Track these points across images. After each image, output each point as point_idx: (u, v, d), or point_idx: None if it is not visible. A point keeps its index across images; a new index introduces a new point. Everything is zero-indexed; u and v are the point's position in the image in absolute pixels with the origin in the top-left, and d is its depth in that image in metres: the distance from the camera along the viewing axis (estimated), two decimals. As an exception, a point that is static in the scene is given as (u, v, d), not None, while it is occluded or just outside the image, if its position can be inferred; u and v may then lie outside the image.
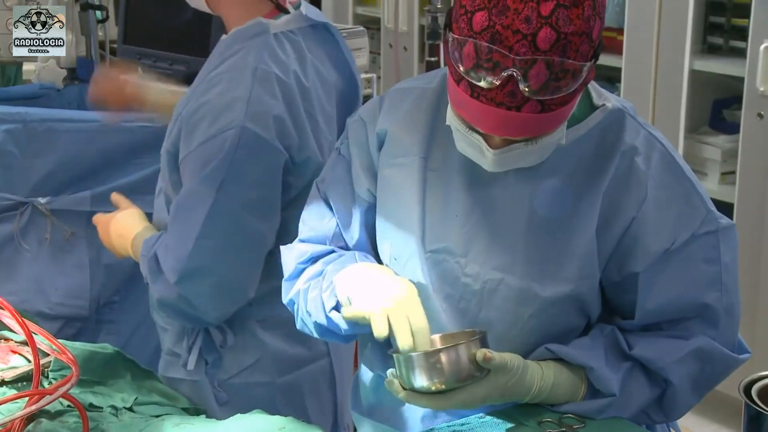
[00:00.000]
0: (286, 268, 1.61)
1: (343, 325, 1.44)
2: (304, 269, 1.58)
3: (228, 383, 1.90)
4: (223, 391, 1.89)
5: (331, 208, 1.60)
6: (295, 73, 1.81)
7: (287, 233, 1.75)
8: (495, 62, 1.24)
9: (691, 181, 1.45)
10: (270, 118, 1.76)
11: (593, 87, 1.47)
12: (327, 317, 1.48)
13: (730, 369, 1.48)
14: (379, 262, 1.57)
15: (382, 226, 1.55)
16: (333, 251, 1.58)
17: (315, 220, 1.61)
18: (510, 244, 1.44)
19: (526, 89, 1.24)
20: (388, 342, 1.40)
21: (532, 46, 1.22)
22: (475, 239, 1.47)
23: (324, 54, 1.91)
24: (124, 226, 1.95)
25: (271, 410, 1.68)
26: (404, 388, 1.37)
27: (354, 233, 1.58)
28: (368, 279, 1.43)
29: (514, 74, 1.24)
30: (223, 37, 1.87)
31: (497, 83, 1.25)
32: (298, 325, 1.59)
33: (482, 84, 1.26)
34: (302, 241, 1.62)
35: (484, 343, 1.37)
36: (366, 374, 1.65)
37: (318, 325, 1.52)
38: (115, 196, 2.04)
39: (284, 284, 1.60)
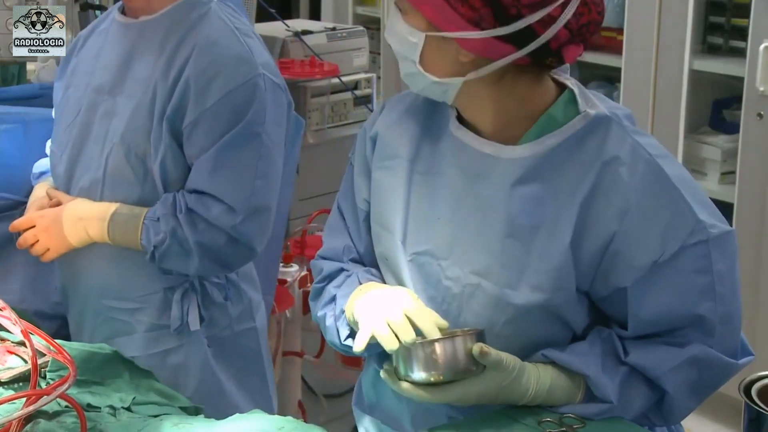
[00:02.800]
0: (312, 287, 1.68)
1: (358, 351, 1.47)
2: (322, 288, 1.63)
3: (218, 337, 2.04)
4: (213, 346, 2.03)
5: (344, 219, 1.64)
6: (253, 30, 2.00)
7: None
8: None
9: (680, 191, 1.40)
10: (272, 66, 1.98)
11: (582, 95, 1.46)
12: (343, 344, 1.54)
13: (729, 375, 1.46)
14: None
15: (373, 228, 1.58)
16: (343, 269, 1.61)
17: (331, 234, 1.66)
18: (489, 249, 1.44)
19: None
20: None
21: None
22: (456, 242, 1.47)
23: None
24: (84, 209, 1.98)
25: (258, 353, 2.11)
26: (400, 380, 1.38)
27: (362, 242, 1.62)
28: (367, 299, 1.47)
29: None
30: (163, 11, 1.95)
31: None
32: (329, 344, 1.64)
33: None
34: (321, 257, 1.67)
35: (480, 339, 1.37)
36: (368, 371, 1.66)
37: (341, 349, 1.57)
38: (52, 191, 2.06)
39: (310, 303, 1.66)
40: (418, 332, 1.39)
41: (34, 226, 2.04)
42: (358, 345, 1.42)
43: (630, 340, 1.45)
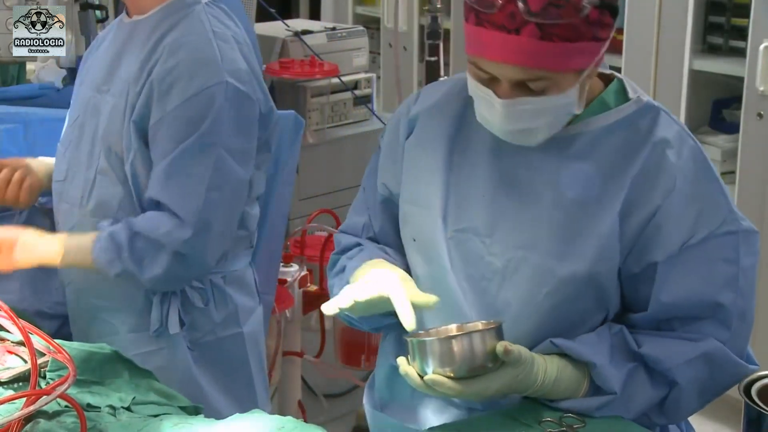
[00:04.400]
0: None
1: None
2: (337, 260, 1.67)
3: (201, 342, 2.02)
4: (196, 350, 2.01)
5: (366, 198, 1.69)
6: (238, 34, 1.95)
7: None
8: None
9: (719, 181, 1.48)
10: (242, 72, 1.91)
11: (629, 84, 1.52)
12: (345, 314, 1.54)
13: (738, 377, 1.48)
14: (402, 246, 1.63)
15: (405, 208, 1.60)
16: (359, 244, 1.66)
17: (354, 211, 1.72)
18: (535, 222, 1.47)
19: (525, 11, 1.32)
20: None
21: None
22: (501, 219, 1.50)
23: (240, 22, 2.03)
24: (36, 253, 1.95)
25: (244, 360, 2.07)
26: (420, 377, 1.38)
27: (378, 222, 1.66)
28: (365, 275, 1.50)
29: None
30: (152, 12, 1.94)
31: (499, 3, 1.32)
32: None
33: (485, 8, 1.34)
34: (342, 231, 1.72)
35: (499, 334, 1.37)
36: (381, 369, 1.67)
37: (344, 319, 1.59)
38: None
39: (326, 272, 1.71)
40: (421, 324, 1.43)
41: None
42: (327, 308, 1.45)
43: (643, 333, 1.47)
